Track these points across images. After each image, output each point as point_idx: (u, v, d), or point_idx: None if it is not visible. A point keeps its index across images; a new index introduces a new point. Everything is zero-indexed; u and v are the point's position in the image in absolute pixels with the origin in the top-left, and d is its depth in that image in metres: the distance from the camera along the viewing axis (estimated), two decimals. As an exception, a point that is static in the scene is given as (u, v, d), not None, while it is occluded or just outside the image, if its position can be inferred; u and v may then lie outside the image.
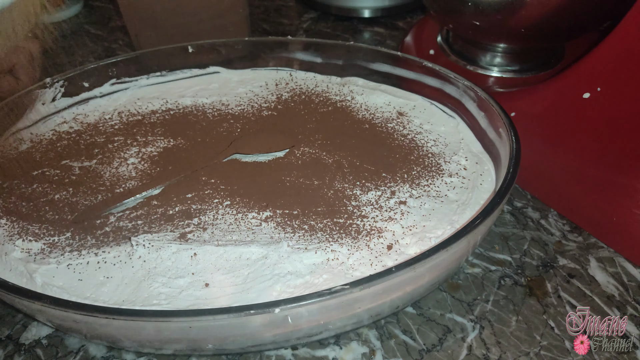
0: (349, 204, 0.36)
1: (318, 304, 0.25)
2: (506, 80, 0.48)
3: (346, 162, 0.39)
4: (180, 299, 0.30)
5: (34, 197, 0.37)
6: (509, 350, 0.31)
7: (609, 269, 0.36)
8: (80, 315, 0.25)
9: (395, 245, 0.33)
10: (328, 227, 0.34)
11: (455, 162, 0.40)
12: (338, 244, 0.32)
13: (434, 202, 0.36)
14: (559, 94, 0.40)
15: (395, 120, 0.44)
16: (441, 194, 0.37)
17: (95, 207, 0.36)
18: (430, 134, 0.42)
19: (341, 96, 0.47)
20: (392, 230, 0.34)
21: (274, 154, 0.40)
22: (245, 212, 0.35)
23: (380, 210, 0.35)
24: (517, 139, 0.35)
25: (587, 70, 0.37)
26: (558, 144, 0.39)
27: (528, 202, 0.42)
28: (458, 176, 0.38)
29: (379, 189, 0.37)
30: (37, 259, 0.33)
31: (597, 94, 0.37)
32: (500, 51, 0.48)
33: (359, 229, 0.34)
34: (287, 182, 0.38)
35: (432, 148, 0.41)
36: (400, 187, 0.37)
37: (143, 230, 0.34)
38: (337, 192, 0.37)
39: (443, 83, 0.43)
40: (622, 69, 0.35)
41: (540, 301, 0.34)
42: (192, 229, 0.34)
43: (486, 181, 0.38)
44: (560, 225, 0.40)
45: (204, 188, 0.37)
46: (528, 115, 0.41)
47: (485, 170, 0.39)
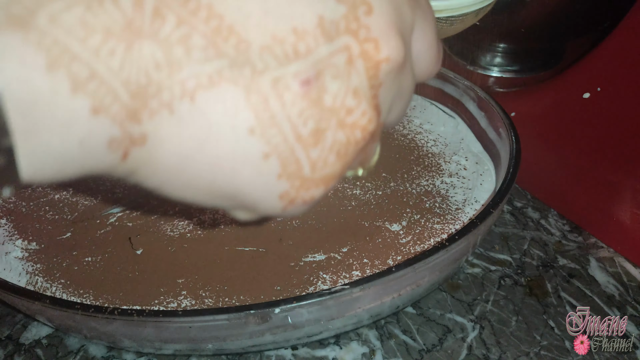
0: (349, 203, 0.36)
1: (318, 305, 0.25)
2: (506, 80, 0.48)
3: None
4: (180, 297, 0.30)
5: (34, 197, 0.37)
6: (509, 350, 0.31)
7: (609, 269, 0.36)
8: (80, 315, 0.25)
9: (395, 245, 0.33)
10: (327, 227, 0.34)
11: (455, 162, 0.40)
12: (337, 244, 0.32)
13: (433, 201, 0.36)
14: (559, 94, 0.40)
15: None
16: (441, 193, 0.37)
17: (95, 208, 0.36)
18: (430, 134, 0.42)
19: None
20: (392, 230, 0.34)
21: None
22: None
23: (380, 210, 0.35)
24: (517, 138, 0.35)
25: (587, 70, 0.37)
26: (558, 144, 0.39)
27: (528, 202, 0.42)
28: (458, 176, 0.38)
29: (379, 189, 0.37)
30: (37, 258, 0.33)
31: (597, 94, 0.37)
32: (500, 51, 0.48)
33: (359, 228, 0.34)
34: None
35: (432, 148, 0.41)
36: (401, 187, 0.37)
37: (143, 230, 0.34)
38: (336, 192, 0.37)
39: (443, 83, 0.43)
40: (622, 69, 0.35)
41: (540, 301, 0.34)
42: (192, 228, 0.34)
43: (486, 181, 0.38)
44: (560, 225, 0.40)
45: None
46: (528, 115, 0.41)
47: (485, 170, 0.39)
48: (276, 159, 0.15)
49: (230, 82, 0.14)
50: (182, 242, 0.33)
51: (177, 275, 0.31)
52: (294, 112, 0.15)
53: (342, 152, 0.17)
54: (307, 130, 0.15)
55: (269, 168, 0.15)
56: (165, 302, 0.30)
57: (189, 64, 0.13)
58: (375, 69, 0.16)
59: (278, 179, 0.16)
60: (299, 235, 0.33)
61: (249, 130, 0.15)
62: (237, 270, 0.31)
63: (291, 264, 0.31)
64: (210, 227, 0.34)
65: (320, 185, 0.17)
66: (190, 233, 0.34)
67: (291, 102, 0.15)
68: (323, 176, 0.17)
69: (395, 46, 0.16)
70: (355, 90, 0.16)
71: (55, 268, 0.32)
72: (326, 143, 0.16)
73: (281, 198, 0.16)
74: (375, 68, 0.16)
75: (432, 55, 0.20)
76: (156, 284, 0.31)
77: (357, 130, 0.16)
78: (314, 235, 0.34)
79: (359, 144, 0.17)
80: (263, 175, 0.16)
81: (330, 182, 0.17)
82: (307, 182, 0.16)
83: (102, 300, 0.30)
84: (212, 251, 0.32)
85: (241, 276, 0.31)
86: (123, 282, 0.31)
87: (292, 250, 0.32)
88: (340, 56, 0.15)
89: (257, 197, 0.16)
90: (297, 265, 0.31)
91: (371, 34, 0.16)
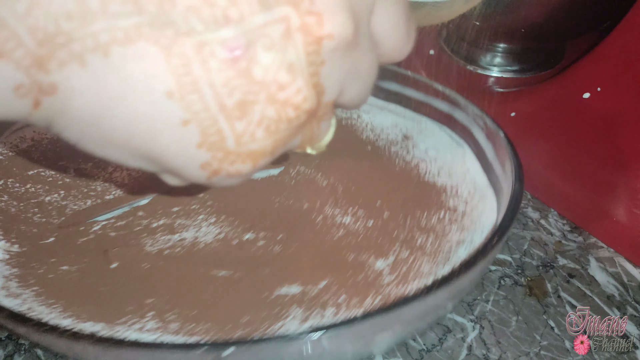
0: (337, 232, 0.34)
1: (272, 350, 0.24)
2: (506, 80, 0.48)
3: (341, 185, 0.37)
4: (145, 319, 0.28)
5: (26, 198, 0.37)
6: (509, 350, 0.31)
7: (609, 269, 0.36)
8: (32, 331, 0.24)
9: (377, 284, 0.30)
10: (309, 256, 0.32)
11: (457, 195, 0.36)
12: (316, 276, 0.30)
13: (426, 237, 0.33)
14: (559, 94, 0.40)
15: (400, 143, 0.41)
16: (436, 230, 0.34)
17: (82, 213, 0.35)
18: (435, 162, 0.39)
19: (347, 112, 0.45)
20: (376, 266, 0.31)
21: (267, 171, 0.38)
22: (228, 232, 0.34)
23: (368, 243, 0.33)
24: (520, 178, 0.32)
25: (587, 70, 0.37)
26: (558, 144, 0.39)
27: (528, 202, 0.42)
28: (457, 212, 0.35)
29: (371, 218, 0.35)
30: (16, 262, 0.32)
31: (597, 94, 0.37)
32: (500, 51, 0.48)
33: (341, 261, 0.32)
34: (276, 203, 0.36)
35: (434, 177, 0.38)
36: (393, 218, 0.35)
37: (123, 243, 0.33)
38: (326, 219, 0.35)
39: (453, 108, 0.40)
40: (622, 69, 0.35)
41: (540, 301, 0.34)
42: (171, 244, 0.33)
43: (487, 220, 0.34)
44: (560, 225, 0.40)
45: (191, 202, 0.36)
46: (528, 115, 0.41)
47: (487, 208, 0.35)
48: (196, 126, 0.15)
49: (149, 40, 0.13)
50: (158, 259, 0.32)
51: (148, 294, 0.30)
52: (219, 80, 0.14)
53: (272, 128, 0.16)
54: (233, 101, 0.15)
55: (188, 135, 0.15)
56: (129, 322, 0.28)
57: (104, 17, 0.13)
58: (316, 45, 0.15)
59: (198, 148, 0.15)
60: (278, 263, 0.31)
61: (166, 94, 0.14)
62: (209, 295, 0.30)
63: (264, 294, 0.29)
64: (190, 245, 0.33)
65: (247, 160, 0.16)
66: (169, 249, 0.32)
67: (216, 70, 0.14)
68: (250, 151, 0.16)
69: (341, 23, 0.15)
70: (291, 66, 0.15)
71: (31, 274, 0.31)
72: (254, 117, 0.15)
73: (203, 168, 0.16)
74: (316, 44, 0.15)
75: (399, 36, 0.19)
76: (125, 302, 0.29)
77: (289, 107, 0.16)
78: (293, 264, 0.31)
79: (292, 122, 0.16)
80: (182, 142, 0.15)
81: (260, 159, 0.17)
82: (232, 155, 0.16)
83: (70, 312, 0.29)
84: (187, 272, 0.31)
85: (212, 302, 0.29)
86: (94, 296, 0.30)
87: (268, 278, 0.30)
88: (277, 27, 0.14)
89: (177, 164, 0.16)
90: (270, 296, 0.29)
91: (315, 7, 0.14)
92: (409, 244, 0.33)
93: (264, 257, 0.32)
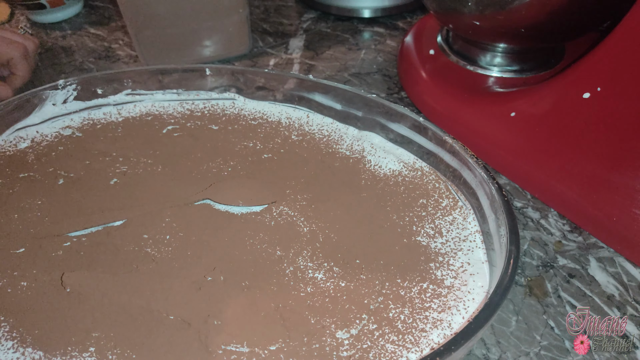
0: (304, 288, 0.31)
1: None
2: (506, 80, 0.48)
3: (322, 235, 0.34)
4: (86, 354, 0.28)
5: (10, 201, 0.36)
6: (509, 350, 0.31)
7: (609, 269, 0.36)
8: None
9: (333, 356, 0.27)
10: (267, 313, 0.29)
11: (448, 268, 0.32)
12: (268, 338, 0.28)
13: (400, 310, 0.29)
14: (559, 94, 0.40)
15: (400, 195, 0.37)
16: (414, 304, 0.30)
17: (58, 227, 0.35)
18: (432, 224, 0.35)
19: (352, 152, 0.42)
20: (337, 337, 0.28)
21: (249, 207, 0.36)
22: (191, 269, 0.32)
23: (334, 307, 0.29)
24: (515, 261, 0.28)
25: (587, 70, 0.37)
26: (558, 144, 0.39)
27: (528, 202, 0.42)
28: (443, 286, 0.31)
29: (344, 278, 0.31)
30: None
31: (597, 94, 0.37)
32: (500, 51, 0.48)
33: (301, 322, 0.29)
34: (248, 245, 0.33)
35: (428, 242, 0.34)
36: (370, 283, 0.31)
37: (86, 264, 0.32)
38: (296, 271, 0.32)
39: (461, 166, 0.36)
40: (622, 69, 0.35)
41: (540, 301, 0.34)
42: (131, 275, 0.31)
43: (475, 301, 0.30)
44: (560, 225, 0.40)
45: (163, 231, 0.34)
46: (528, 115, 0.41)
47: (478, 287, 0.31)
48: None
49: None
50: (114, 289, 0.31)
51: (93, 327, 0.29)
52: None
53: None
54: None
55: None
56: (69, 355, 0.27)
57: None
58: None
59: None
60: (230, 317, 0.29)
61: None
62: (154, 339, 0.28)
63: (209, 349, 0.28)
64: (148, 279, 0.31)
65: None
66: (127, 282, 0.31)
67: None
68: None
69: None
70: None
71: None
72: None
73: None
74: None
75: None
76: (71, 331, 0.29)
77: None
78: (247, 320, 0.29)
79: None
80: None
81: None
82: None
83: (15, 333, 0.28)
84: (139, 309, 0.30)
85: (155, 348, 0.28)
86: (43, 319, 0.29)
87: (216, 332, 0.28)
88: None
89: None
90: (214, 352, 0.28)
91: None
92: (378, 315, 0.29)
93: (217, 307, 0.30)
